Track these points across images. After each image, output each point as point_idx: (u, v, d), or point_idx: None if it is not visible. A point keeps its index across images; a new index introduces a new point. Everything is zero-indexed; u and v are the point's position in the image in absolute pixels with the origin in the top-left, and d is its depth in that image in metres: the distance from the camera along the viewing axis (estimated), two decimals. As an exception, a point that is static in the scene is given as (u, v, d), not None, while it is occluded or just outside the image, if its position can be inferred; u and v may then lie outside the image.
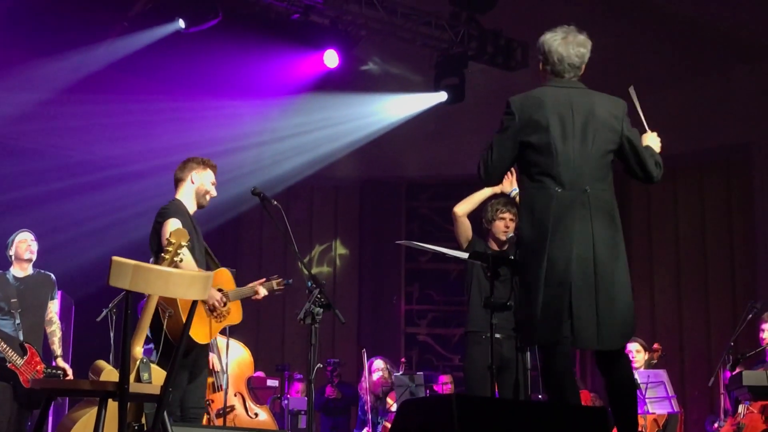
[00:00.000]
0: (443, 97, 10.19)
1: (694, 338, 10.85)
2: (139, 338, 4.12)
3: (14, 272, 6.78)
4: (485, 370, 4.96)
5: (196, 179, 5.50)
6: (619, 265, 3.89)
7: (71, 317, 8.61)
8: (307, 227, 12.16)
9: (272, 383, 9.38)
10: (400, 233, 12.13)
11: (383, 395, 9.31)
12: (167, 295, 3.88)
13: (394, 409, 8.93)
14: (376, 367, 9.46)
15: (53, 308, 6.86)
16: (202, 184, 5.51)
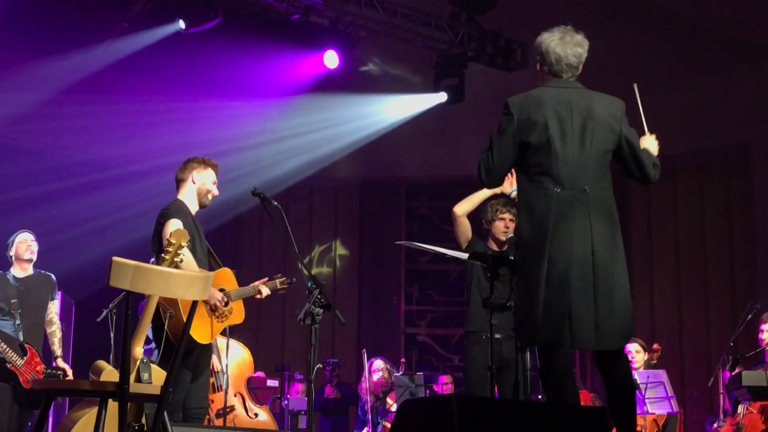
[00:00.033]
0: (443, 97, 10.19)
1: (693, 338, 10.85)
2: (139, 338, 4.12)
3: (14, 273, 6.77)
4: (485, 370, 4.95)
5: (197, 179, 5.51)
6: (617, 265, 3.88)
7: (71, 317, 8.61)
8: (307, 228, 12.16)
9: (272, 383, 9.38)
10: (399, 234, 12.13)
11: (383, 395, 9.31)
12: (167, 295, 3.88)
13: (394, 409, 8.93)
14: (376, 367, 9.46)
15: (53, 309, 6.85)
16: (203, 183, 5.51)
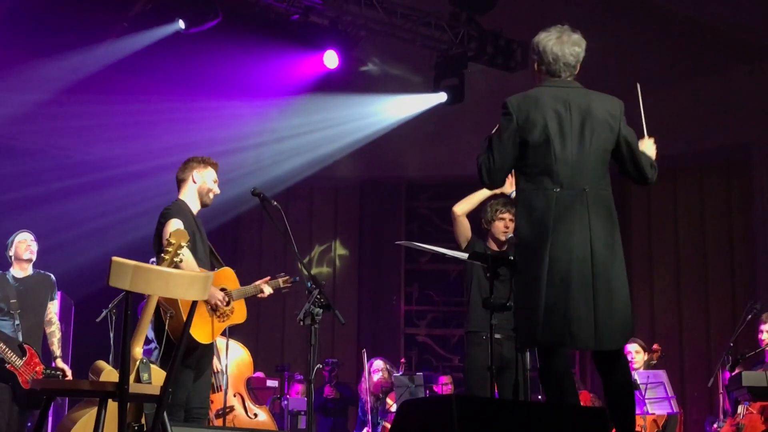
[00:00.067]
0: (443, 97, 10.18)
1: (693, 339, 10.85)
2: (138, 339, 4.12)
3: (14, 273, 6.76)
4: (485, 370, 4.94)
5: (197, 178, 5.52)
6: (617, 264, 3.87)
7: (71, 318, 8.61)
8: (306, 228, 12.16)
9: (272, 384, 9.38)
10: (399, 234, 12.12)
11: (383, 396, 9.31)
12: (167, 295, 3.88)
13: (393, 409, 8.93)
14: (376, 367, 9.46)
15: (53, 309, 6.84)
16: (204, 182, 5.52)
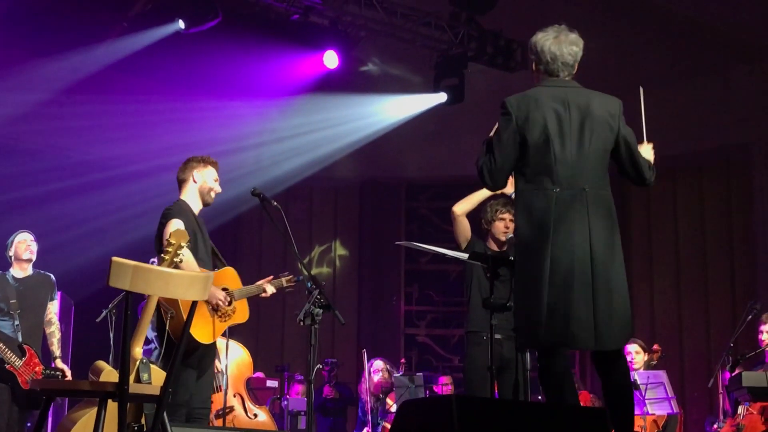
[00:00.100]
0: (443, 97, 10.18)
1: (693, 339, 10.85)
2: (138, 339, 4.12)
3: (14, 273, 6.76)
4: (485, 370, 4.94)
5: (198, 178, 5.52)
6: (616, 264, 3.86)
7: (71, 318, 8.60)
8: (306, 228, 12.16)
9: (272, 384, 9.38)
10: (399, 234, 12.12)
11: (383, 396, 9.31)
12: (167, 295, 3.89)
13: (394, 409, 8.93)
14: (376, 368, 9.46)
15: (53, 309, 6.84)
16: (204, 181, 5.52)
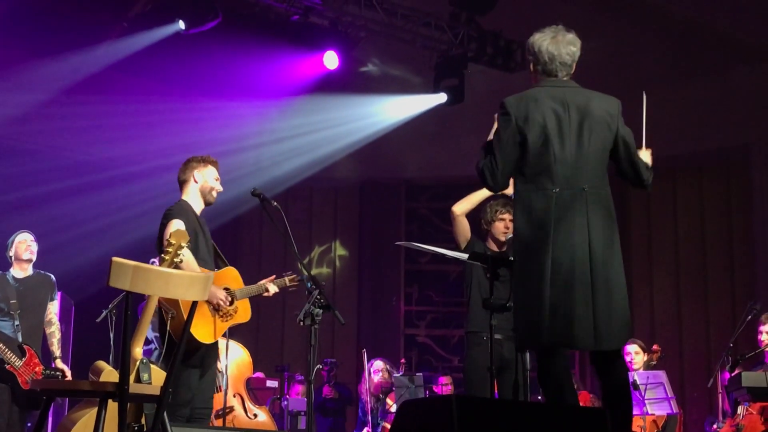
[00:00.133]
0: (443, 98, 10.18)
1: (693, 339, 10.85)
2: (138, 339, 4.13)
3: (14, 273, 6.76)
4: (485, 370, 4.94)
5: (198, 178, 5.52)
6: (615, 264, 3.86)
7: (71, 318, 8.60)
8: (306, 228, 12.16)
9: (272, 384, 9.38)
10: (399, 234, 12.12)
11: (383, 396, 9.31)
12: (167, 295, 3.89)
13: (394, 410, 8.93)
14: (376, 368, 9.46)
15: (53, 309, 6.83)
16: (205, 181, 5.53)
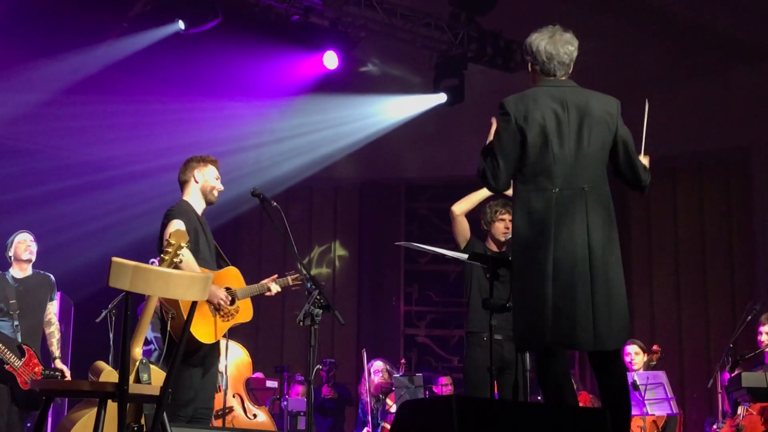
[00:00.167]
0: (443, 98, 10.17)
1: (693, 340, 10.85)
2: (138, 339, 4.12)
3: (13, 273, 6.76)
4: (485, 371, 4.94)
5: (199, 177, 5.52)
6: (614, 264, 3.85)
7: (71, 318, 8.60)
8: (306, 228, 12.16)
9: (271, 384, 9.38)
10: (399, 234, 12.12)
11: (383, 396, 9.31)
12: (167, 296, 3.89)
13: (393, 410, 8.93)
14: (376, 368, 9.45)
15: (52, 309, 6.83)
16: (206, 181, 5.53)
